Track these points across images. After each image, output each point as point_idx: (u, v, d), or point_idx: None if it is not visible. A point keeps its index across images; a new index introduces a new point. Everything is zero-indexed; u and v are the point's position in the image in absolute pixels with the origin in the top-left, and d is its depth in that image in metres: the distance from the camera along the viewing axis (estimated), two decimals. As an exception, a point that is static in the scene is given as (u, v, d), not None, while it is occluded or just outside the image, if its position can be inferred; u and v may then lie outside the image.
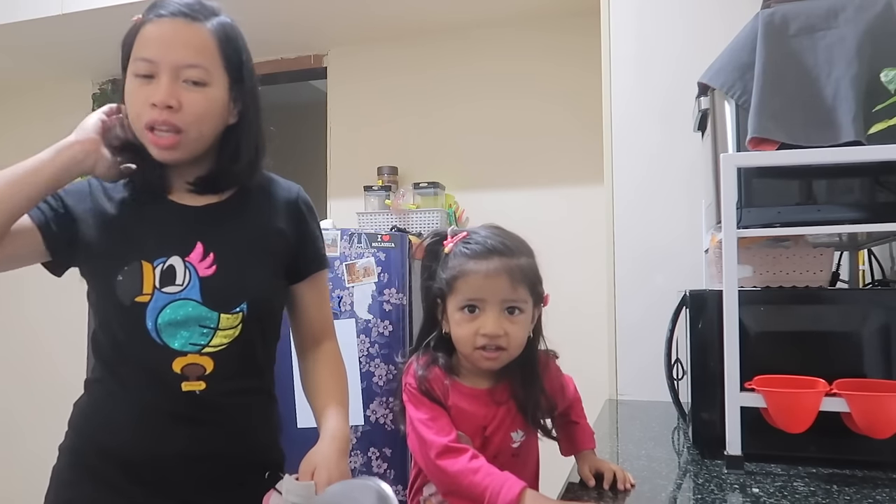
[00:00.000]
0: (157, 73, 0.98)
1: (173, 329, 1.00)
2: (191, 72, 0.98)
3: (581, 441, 1.08)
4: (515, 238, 1.03)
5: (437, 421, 0.96)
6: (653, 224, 1.93)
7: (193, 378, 1.01)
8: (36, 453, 3.74)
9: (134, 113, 1.00)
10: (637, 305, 1.90)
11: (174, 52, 0.98)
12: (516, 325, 0.99)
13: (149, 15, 1.01)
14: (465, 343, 0.99)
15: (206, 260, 1.03)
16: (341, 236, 2.46)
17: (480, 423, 1.01)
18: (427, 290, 1.05)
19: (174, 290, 1.00)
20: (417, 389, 0.99)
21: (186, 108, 0.98)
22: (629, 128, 1.98)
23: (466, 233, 1.03)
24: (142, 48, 0.99)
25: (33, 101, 3.85)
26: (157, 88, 0.97)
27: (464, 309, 0.99)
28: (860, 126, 1.07)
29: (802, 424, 1.03)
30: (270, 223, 1.11)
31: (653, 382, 1.30)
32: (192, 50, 0.99)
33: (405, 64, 3.12)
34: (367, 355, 2.38)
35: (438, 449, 0.93)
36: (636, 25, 2.00)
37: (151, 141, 0.99)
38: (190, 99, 0.98)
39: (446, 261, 1.02)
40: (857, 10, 1.12)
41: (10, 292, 3.85)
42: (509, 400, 1.02)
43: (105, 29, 3.02)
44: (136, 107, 0.99)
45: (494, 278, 0.97)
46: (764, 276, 1.28)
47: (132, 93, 1.00)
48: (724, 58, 1.24)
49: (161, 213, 1.06)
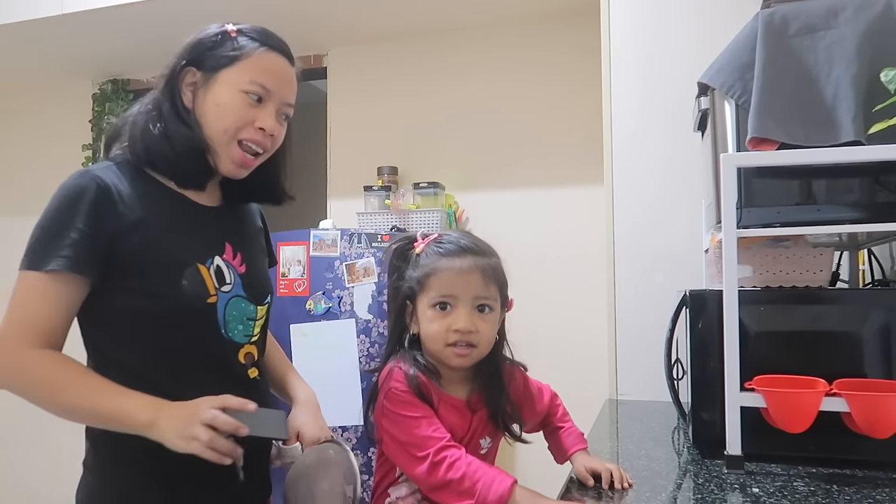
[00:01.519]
0: (267, 100, 1.07)
1: (234, 324, 1.09)
2: (288, 108, 1.11)
3: (570, 444, 1.08)
4: (485, 241, 1.06)
5: (431, 419, 0.96)
6: (653, 224, 1.93)
7: (250, 365, 1.11)
8: (33, 449, 3.75)
9: (229, 124, 1.04)
10: (637, 305, 1.90)
11: (285, 89, 1.09)
12: (486, 322, 1.01)
13: (255, 37, 1.08)
14: (436, 340, 1.00)
15: (237, 258, 1.12)
16: (341, 236, 2.46)
17: (459, 433, 1.01)
18: (396, 291, 1.06)
19: (227, 289, 1.08)
20: (409, 390, 0.98)
21: (276, 137, 1.10)
22: (629, 128, 1.98)
23: (438, 234, 1.05)
24: (259, 73, 1.06)
25: (33, 101, 3.85)
26: (267, 116, 1.07)
27: (436, 306, 1.00)
28: (860, 126, 1.07)
29: (802, 424, 1.03)
30: (255, 223, 1.25)
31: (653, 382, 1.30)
32: (293, 89, 1.12)
33: (405, 64, 3.12)
34: (367, 355, 2.39)
35: (440, 444, 0.92)
36: (636, 25, 2.00)
37: (238, 157, 1.06)
38: (280, 129, 1.10)
39: (417, 261, 1.03)
40: (857, 10, 1.12)
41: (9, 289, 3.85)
42: (483, 408, 1.04)
43: (105, 29, 3.02)
44: (236, 120, 1.05)
45: (467, 275, 0.99)
46: (764, 276, 1.28)
47: (237, 106, 1.05)
48: (724, 58, 1.24)
49: (188, 214, 1.08)
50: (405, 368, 1.00)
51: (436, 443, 0.93)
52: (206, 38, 1.08)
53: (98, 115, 3.65)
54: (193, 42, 1.08)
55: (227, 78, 1.05)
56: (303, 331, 2.44)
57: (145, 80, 3.58)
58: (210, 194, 1.13)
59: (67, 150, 3.69)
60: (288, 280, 2.49)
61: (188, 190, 1.09)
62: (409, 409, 0.97)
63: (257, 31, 1.10)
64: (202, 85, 1.06)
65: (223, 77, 1.05)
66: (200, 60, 1.07)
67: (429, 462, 0.92)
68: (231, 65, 1.05)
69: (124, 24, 2.95)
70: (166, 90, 1.08)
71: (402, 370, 1.00)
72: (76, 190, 0.98)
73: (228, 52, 1.06)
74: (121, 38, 3.12)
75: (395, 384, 0.99)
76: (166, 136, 1.04)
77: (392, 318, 1.08)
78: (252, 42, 1.07)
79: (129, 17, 2.86)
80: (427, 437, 0.94)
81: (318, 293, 2.45)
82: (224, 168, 1.07)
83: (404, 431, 0.96)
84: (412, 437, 0.95)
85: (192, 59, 1.07)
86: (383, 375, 1.02)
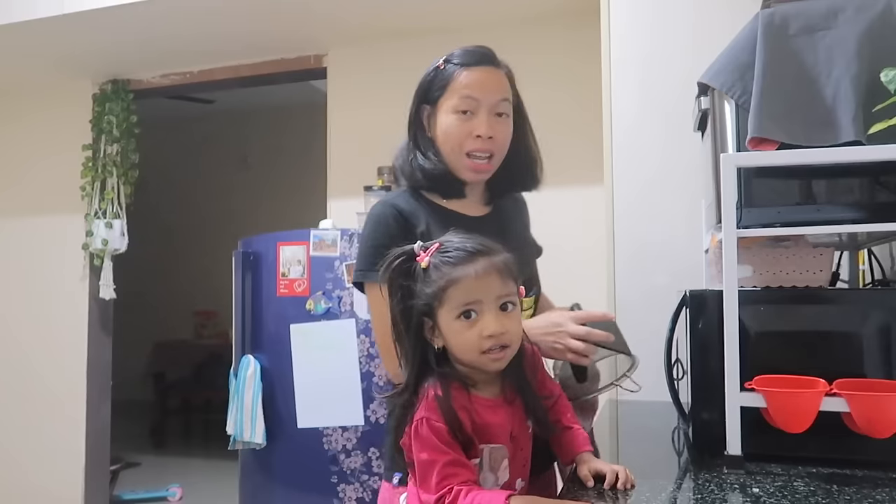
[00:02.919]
0: (477, 110, 1.24)
1: None
2: (503, 105, 1.26)
3: (577, 445, 1.08)
4: (487, 239, 1.03)
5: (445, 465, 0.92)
6: (653, 224, 1.93)
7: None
8: (33, 450, 3.75)
9: (453, 142, 1.25)
10: (637, 305, 1.90)
11: (491, 93, 1.25)
12: (512, 319, 0.99)
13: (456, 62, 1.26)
14: (469, 350, 0.97)
15: None
16: (341, 236, 2.46)
17: (508, 429, 1.01)
18: (407, 311, 1.01)
19: None
20: (444, 428, 0.93)
21: (496, 138, 1.25)
22: (629, 128, 1.98)
23: (438, 244, 1.01)
24: (463, 92, 1.24)
25: (33, 101, 3.85)
26: (480, 123, 1.23)
27: (460, 316, 0.97)
28: (860, 126, 1.07)
29: (802, 424, 1.03)
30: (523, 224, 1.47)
31: (653, 382, 1.30)
32: (500, 89, 1.26)
33: (405, 64, 3.11)
34: (367, 355, 2.39)
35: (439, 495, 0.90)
36: (636, 25, 2.00)
37: (470, 165, 1.25)
38: (499, 128, 1.25)
39: (427, 275, 0.99)
40: (857, 10, 1.12)
41: (9, 289, 3.85)
42: (516, 397, 1.03)
43: (105, 29, 3.02)
44: (456, 138, 1.24)
45: (485, 278, 0.97)
46: (764, 276, 1.27)
47: (453, 125, 1.25)
48: (723, 58, 1.24)
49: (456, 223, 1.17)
50: (437, 392, 0.96)
51: (437, 491, 0.91)
52: (426, 78, 1.30)
53: (98, 115, 3.66)
54: (420, 83, 1.31)
55: (443, 105, 1.26)
56: (303, 331, 2.44)
57: (145, 80, 3.58)
58: (476, 205, 1.33)
59: (67, 150, 3.70)
60: (288, 280, 2.49)
61: (453, 202, 1.30)
62: (429, 450, 0.94)
63: (459, 54, 1.27)
64: (432, 116, 1.29)
65: (441, 105, 1.27)
66: (427, 97, 1.29)
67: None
68: (444, 93, 1.26)
69: (124, 24, 2.95)
70: (411, 129, 1.32)
71: (436, 397, 0.96)
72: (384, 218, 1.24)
73: (440, 83, 1.27)
74: (121, 38, 3.12)
75: (428, 414, 0.95)
76: (419, 167, 1.28)
77: (408, 339, 1.02)
78: (454, 66, 1.26)
79: (129, 17, 2.86)
80: (431, 486, 0.92)
81: (318, 293, 2.45)
82: (466, 177, 1.28)
83: (420, 470, 0.94)
84: (423, 479, 0.94)
85: (423, 99, 1.30)
86: (420, 401, 0.98)
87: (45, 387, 3.72)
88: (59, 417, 3.68)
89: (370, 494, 2.33)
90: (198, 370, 5.73)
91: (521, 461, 1.04)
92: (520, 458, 1.04)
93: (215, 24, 2.96)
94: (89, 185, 3.63)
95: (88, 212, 3.63)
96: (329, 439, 2.38)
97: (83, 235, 3.63)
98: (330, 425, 2.38)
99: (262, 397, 2.46)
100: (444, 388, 0.96)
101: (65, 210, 3.73)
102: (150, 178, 4.17)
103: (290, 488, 2.44)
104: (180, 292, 6.31)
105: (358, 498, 2.34)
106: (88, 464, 3.63)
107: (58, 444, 3.67)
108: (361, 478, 2.35)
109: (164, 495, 4.19)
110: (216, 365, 5.17)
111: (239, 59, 3.38)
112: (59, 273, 3.73)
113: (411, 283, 1.00)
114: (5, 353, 3.84)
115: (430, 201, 1.29)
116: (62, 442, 3.66)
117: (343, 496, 2.35)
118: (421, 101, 1.30)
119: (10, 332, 3.83)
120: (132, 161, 3.72)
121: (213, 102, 5.27)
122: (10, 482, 3.76)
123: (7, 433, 3.80)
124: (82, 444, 3.63)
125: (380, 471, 2.30)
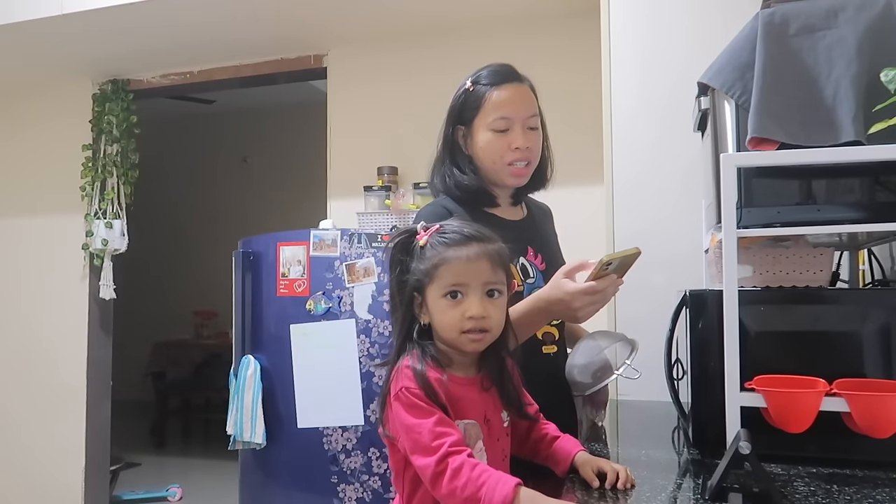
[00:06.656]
0: (511, 125, 1.34)
1: None
2: (532, 120, 1.36)
3: (571, 447, 1.08)
4: (485, 228, 1.07)
5: (436, 423, 0.95)
6: (653, 224, 1.93)
7: (549, 343, 1.38)
8: (32, 450, 3.75)
9: (495, 157, 1.35)
10: (637, 305, 1.90)
11: (521, 109, 1.35)
12: (496, 307, 1.02)
13: (484, 82, 1.36)
14: (451, 328, 1.01)
15: (538, 258, 1.41)
16: (341, 236, 2.46)
17: (481, 409, 1.03)
18: (402, 285, 1.06)
19: (531, 281, 1.37)
20: (418, 390, 0.97)
21: (532, 147, 1.36)
22: (629, 127, 1.98)
23: (439, 225, 1.06)
24: (497, 110, 1.34)
25: (33, 101, 3.85)
26: (516, 137, 1.34)
27: (447, 295, 1.01)
28: (860, 126, 1.07)
29: (802, 424, 1.03)
30: (552, 231, 1.56)
31: (653, 382, 1.30)
32: (529, 104, 1.36)
33: (405, 64, 3.12)
34: (367, 355, 2.38)
35: (442, 452, 0.91)
36: (636, 25, 2.00)
37: (512, 173, 1.36)
38: (532, 139, 1.36)
39: (423, 253, 1.04)
40: (857, 10, 1.12)
41: (9, 289, 3.86)
42: (492, 387, 1.06)
43: (105, 29, 3.02)
44: (497, 152, 1.35)
45: (476, 262, 1.01)
46: (764, 276, 1.27)
47: (492, 142, 1.35)
48: (723, 58, 1.24)
49: (496, 226, 1.22)
50: (413, 364, 1.00)
51: (436, 451, 0.91)
52: (457, 100, 1.40)
53: (98, 115, 3.66)
54: (451, 107, 1.41)
55: (479, 124, 1.36)
56: (303, 331, 2.44)
57: (145, 80, 3.59)
58: (514, 210, 1.44)
59: (67, 150, 3.70)
60: (288, 280, 2.49)
61: (492, 209, 1.40)
62: (414, 412, 0.96)
63: (487, 74, 1.37)
64: (468, 135, 1.38)
65: (477, 124, 1.36)
66: (461, 118, 1.38)
67: (432, 472, 0.91)
68: (478, 113, 1.35)
69: (124, 24, 2.95)
70: (444, 149, 1.42)
71: (411, 367, 1.00)
72: (436, 214, 1.32)
73: (473, 104, 1.36)
74: (121, 38, 3.12)
75: (405, 383, 0.98)
76: (456, 183, 1.38)
77: (400, 311, 1.08)
78: (484, 87, 1.36)
79: (129, 17, 2.87)
80: (427, 447, 0.92)
81: (318, 293, 2.45)
82: (510, 183, 1.38)
83: (410, 438, 0.95)
84: (415, 443, 0.94)
85: (456, 120, 1.39)
86: (395, 373, 1.02)
87: (45, 387, 3.72)
88: (59, 417, 3.68)
89: (370, 494, 2.33)
90: (198, 370, 5.73)
91: (500, 453, 1.05)
92: (497, 448, 1.04)
93: (215, 24, 2.97)
94: (89, 185, 3.63)
95: (88, 212, 3.63)
96: (329, 439, 2.38)
97: (83, 235, 3.64)
98: (330, 425, 2.38)
99: (262, 397, 2.45)
100: (420, 360, 1.01)
101: (65, 210, 3.73)
102: (150, 178, 4.17)
103: (290, 488, 2.44)
104: (180, 292, 6.31)
105: (358, 498, 2.34)
106: (88, 464, 3.63)
107: (58, 444, 3.68)
108: (361, 478, 2.34)
109: (164, 495, 4.19)
110: (216, 365, 5.17)
111: (239, 59, 3.39)
112: (59, 273, 3.73)
113: (409, 259, 1.05)
114: (5, 353, 3.84)
115: (473, 208, 1.38)
116: (62, 442, 3.67)
117: (343, 496, 2.35)
118: (455, 123, 1.39)
119: (11, 332, 3.83)
120: (132, 161, 3.73)
121: (214, 102, 5.27)
122: (11, 482, 3.77)
123: (7, 433, 3.80)
124: (82, 444, 3.63)
125: (380, 471, 2.31)
